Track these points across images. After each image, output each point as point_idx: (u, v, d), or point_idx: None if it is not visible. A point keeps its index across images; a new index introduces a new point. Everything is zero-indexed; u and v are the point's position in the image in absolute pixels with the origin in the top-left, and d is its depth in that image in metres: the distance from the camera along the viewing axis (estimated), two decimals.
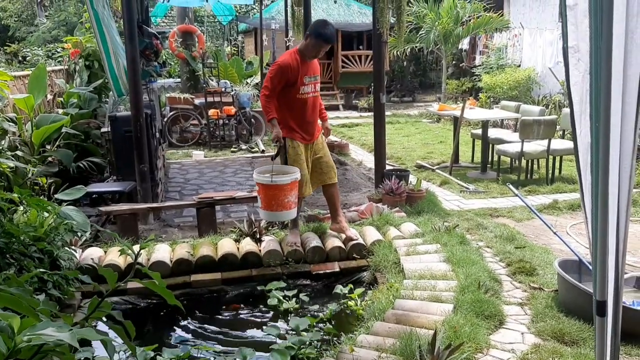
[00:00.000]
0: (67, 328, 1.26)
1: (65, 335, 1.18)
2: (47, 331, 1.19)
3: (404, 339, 3.21)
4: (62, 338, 1.17)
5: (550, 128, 7.29)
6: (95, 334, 1.27)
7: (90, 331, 1.29)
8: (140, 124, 5.99)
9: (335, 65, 19.08)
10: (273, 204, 4.78)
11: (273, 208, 4.80)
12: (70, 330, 1.22)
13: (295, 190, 4.81)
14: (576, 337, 3.38)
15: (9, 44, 19.93)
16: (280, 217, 5.00)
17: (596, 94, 1.48)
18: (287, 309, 4.23)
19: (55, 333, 1.18)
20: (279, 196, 4.73)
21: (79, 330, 1.25)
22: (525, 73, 12.59)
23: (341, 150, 10.11)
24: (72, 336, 1.19)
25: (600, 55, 1.44)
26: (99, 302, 1.78)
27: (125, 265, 4.63)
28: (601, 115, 1.46)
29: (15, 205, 4.28)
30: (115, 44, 6.51)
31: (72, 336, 1.19)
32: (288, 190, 4.73)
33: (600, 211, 1.53)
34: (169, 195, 7.67)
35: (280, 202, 4.75)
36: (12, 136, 6.09)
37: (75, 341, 1.19)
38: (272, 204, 4.78)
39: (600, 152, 1.49)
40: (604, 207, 1.53)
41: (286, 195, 4.74)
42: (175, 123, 11.68)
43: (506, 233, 5.29)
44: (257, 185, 4.86)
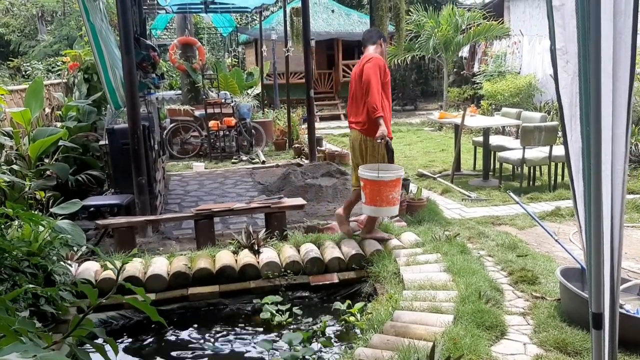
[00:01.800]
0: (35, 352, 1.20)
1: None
2: (10, 357, 1.13)
3: (403, 352, 3.14)
4: None
5: (551, 134, 7.22)
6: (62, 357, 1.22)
7: (59, 355, 1.23)
8: (138, 136, 5.96)
9: (336, 75, 19.09)
10: (377, 199, 4.92)
11: (377, 203, 4.94)
12: (34, 356, 1.16)
13: (399, 187, 5.03)
14: (579, 348, 3.30)
15: (11, 59, 20.02)
16: (384, 213, 5.17)
17: (586, 97, 1.43)
18: (280, 322, 4.16)
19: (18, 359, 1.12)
20: (384, 192, 4.89)
21: (45, 354, 1.19)
22: (526, 80, 12.53)
23: (342, 160, 10.05)
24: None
25: (588, 57, 1.39)
26: (80, 320, 1.72)
27: (122, 278, 4.58)
28: (591, 119, 1.41)
29: (9, 220, 4.24)
30: (112, 57, 6.50)
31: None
32: (392, 186, 4.90)
33: (594, 219, 1.47)
34: (169, 207, 7.62)
35: (385, 197, 4.91)
36: (9, 150, 6.06)
37: None
38: (377, 199, 4.92)
39: (592, 157, 1.43)
40: (597, 215, 1.46)
41: (390, 191, 4.91)
42: (175, 135, 11.66)
43: (508, 241, 5.22)
44: (363, 181, 5.00)
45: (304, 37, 9.87)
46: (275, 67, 15.65)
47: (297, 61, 14.00)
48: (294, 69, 15.41)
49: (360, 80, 5.12)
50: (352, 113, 5.32)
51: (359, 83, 5.16)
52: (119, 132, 6.37)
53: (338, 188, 7.69)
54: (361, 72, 5.10)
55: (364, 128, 5.17)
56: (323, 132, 13.82)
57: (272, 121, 12.87)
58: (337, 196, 7.51)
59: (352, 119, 5.32)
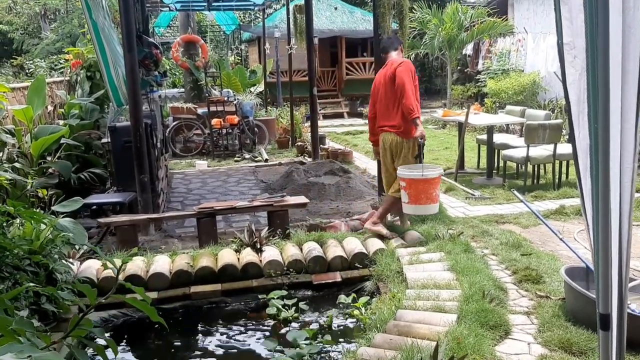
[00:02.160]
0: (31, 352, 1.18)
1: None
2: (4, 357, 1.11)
3: (406, 352, 3.11)
4: None
5: (556, 132, 7.17)
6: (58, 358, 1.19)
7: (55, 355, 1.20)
8: (140, 134, 5.93)
9: (339, 73, 19.04)
10: (422, 198, 5.05)
11: (422, 202, 5.07)
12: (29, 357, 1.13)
13: (439, 185, 5.21)
14: (584, 347, 3.27)
15: (15, 57, 20.04)
16: (428, 211, 5.25)
17: (594, 93, 1.39)
18: (286, 317, 4.14)
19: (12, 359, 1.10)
20: (429, 190, 5.05)
21: (41, 354, 1.16)
22: (530, 78, 12.48)
23: (345, 158, 10.03)
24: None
25: (596, 51, 1.35)
26: (79, 320, 1.70)
27: (124, 276, 4.57)
28: (600, 115, 1.37)
29: (11, 218, 4.23)
30: (115, 54, 6.48)
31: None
32: (436, 183, 5.11)
33: (602, 218, 1.44)
34: (172, 205, 7.61)
35: (430, 195, 5.06)
36: (11, 148, 6.04)
37: None
38: (422, 197, 5.05)
39: (600, 154, 1.39)
40: (605, 213, 1.43)
41: (434, 188, 5.11)
42: (178, 133, 11.65)
43: (512, 240, 5.18)
44: (404, 182, 5.10)
45: (307, 35, 9.83)
46: (278, 64, 15.61)
47: (300, 59, 13.96)
48: (297, 67, 15.36)
49: (391, 84, 5.23)
50: (383, 117, 5.41)
51: (390, 87, 5.26)
52: (121, 129, 6.35)
53: (341, 186, 7.65)
54: (392, 75, 5.21)
55: (400, 131, 5.29)
56: (326, 130, 13.79)
57: (275, 119, 12.84)
58: (340, 194, 7.47)
59: (384, 122, 5.41)
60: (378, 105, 5.48)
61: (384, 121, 5.42)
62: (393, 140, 5.37)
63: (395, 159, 5.41)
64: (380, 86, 5.42)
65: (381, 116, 5.44)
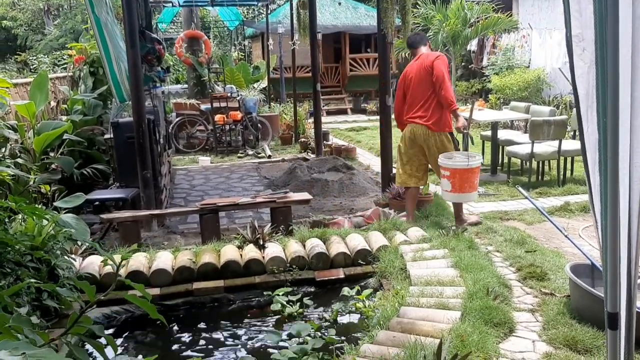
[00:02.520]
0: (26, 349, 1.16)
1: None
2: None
3: (409, 349, 3.08)
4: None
5: (560, 128, 7.12)
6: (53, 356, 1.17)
7: (49, 352, 1.18)
8: (143, 129, 5.92)
9: (343, 69, 18.98)
10: (466, 187, 5.25)
11: (466, 190, 5.26)
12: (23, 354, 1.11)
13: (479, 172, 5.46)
14: (589, 345, 3.24)
15: (19, 53, 20.05)
16: (470, 198, 5.49)
17: (603, 86, 1.36)
18: (290, 313, 4.12)
19: (7, 357, 1.08)
20: (472, 178, 5.27)
21: (35, 352, 1.14)
22: (535, 74, 12.41)
23: (348, 155, 10.00)
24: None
25: (606, 44, 1.32)
26: (77, 317, 1.67)
27: (127, 272, 4.56)
28: (609, 110, 1.34)
29: (13, 213, 4.21)
30: (117, 50, 6.45)
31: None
32: (477, 172, 5.32)
33: (610, 214, 1.40)
34: (175, 201, 7.60)
35: (472, 183, 5.29)
36: (14, 143, 6.03)
37: None
38: (466, 186, 5.25)
39: (609, 149, 1.36)
40: (614, 210, 1.40)
41: (476, 177, 5.32)
42: (181, 129, 11.63)
43: (516, 237, 5.15)
44: (448, 171, 5.27)
45: (311, 31, 9.80)
46: (281, 60, 15.57)
47: (303, 55, 13.92)
48: (300, 63, 15.33)
49: (427, 75, 5.40)
50: (414, 109, 5.56)
51: (425, 78, 5.43)
52: (124, 125, 6.33)
53: (344, 183, 7.63)
54: (429, 68, 5.38)
55: (430, 123, 5.46)
56: (330, 126, 13.76)
57: (279, 115, 12.81)
58: (343, 191, 7.45)
59: (415, 114, 5.55)
60: (409, 97, 5.62)
61: (414, 112, 5.55)
62: (425, 133, 5.51)
63: (426, 151, 5.61)
64: (413, 78, 5.56)
65: (411, 108, 5.59)
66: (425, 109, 5.46)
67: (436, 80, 5.33)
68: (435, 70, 5.33)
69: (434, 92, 5.40)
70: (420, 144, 5.59)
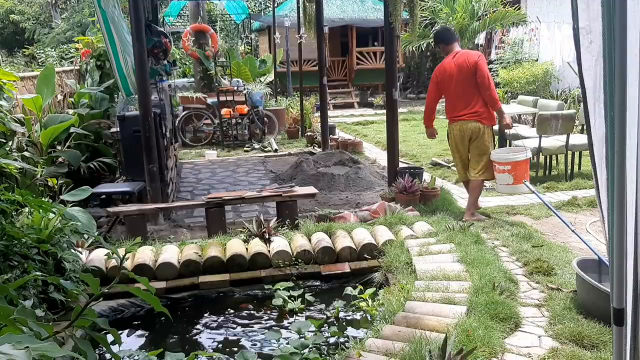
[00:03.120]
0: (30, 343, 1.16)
1: (20, 354, 1.08)
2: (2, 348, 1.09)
3: (414, 343, 3.08)
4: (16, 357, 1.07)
5: (568, 123, 7.07)
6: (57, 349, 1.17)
7: (52, 346, 1.18)
8: (149, 123, 5.92)
9: (350, 62, 18.94)
10: (525, 176, 5.54)
11: (522, 180, 5.51)
12: (27, 347, 1.11)
13: None
14: (596, 341, 3.21)
15: (26, 47, 20.11)
16: (525, 189, 5.63)
17: (610, 79, 1.34)
18: (292, 309, 4.12)
19: (10, 351, 1.08)
20: (527, 168, 5.66)
21: (39, 345, 1.14)
22: (543, 67, 12.33)
23: (355, 149, 9.97)
24: (26, 355, 1.08)
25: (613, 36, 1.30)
26: (82, 310, 1.67)
27: (133, 266, 4.57)
28: (616, 103, 1.32)
29: (20, 206, 4.23)
30: (124, 43, 6.46)
31: (26, 355, 1.08)
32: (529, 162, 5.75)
33: (617, 209, 1.38)
34: (181, 195, 7.61)
35: (527, 173, 5.65)
36: (20, 137, 6.05)
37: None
38: (525, 176, 5.56)
39: (616, 143, 1.34)
40: (620, 205, 1.38)
41: (528, 167, 5.69)
42: (188, 123, 11.64)
43: (523, 231, 5.12)
44: (509, 165, 5.50)
45: (317, 24, 9.77)
46: (288, 54, 15.55)
47: (310, 48, 13.88)
48: (307, 57, 15.29)
49: (470, 75, 5.49)
50: (459, 106, 5.63)
51: (468, 77, 5.51)
52: (130, 119, 6.34)
53: (350, 177, 7.61)
54: (472, 67, 5.47)
55: (482, 117, 5.58)
56: (336, 120, 13.74)
57: (285, 109, 12.80)
58: (349, 185, 7.44)
59: (463, 111, 5.61)
60: (450, 95, 5.70)
61: (461, 110, 5.62)
62: (475, 127, 5.59)
63: (473, 144, 5.67)
64: (453, 76, 5.59)
65: (456, 105, 5.66)
66: (472, 105, 5.56)
67: (482, 81, 5.46)
68: (481, 71, 5.45)
69: (477, 89, 5.51)
70: (469, 139, 5.66)
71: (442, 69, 5.71)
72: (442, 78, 5.70)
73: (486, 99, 5.52)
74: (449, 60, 5.66)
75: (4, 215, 3.82)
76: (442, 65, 5.73)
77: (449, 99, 5.75)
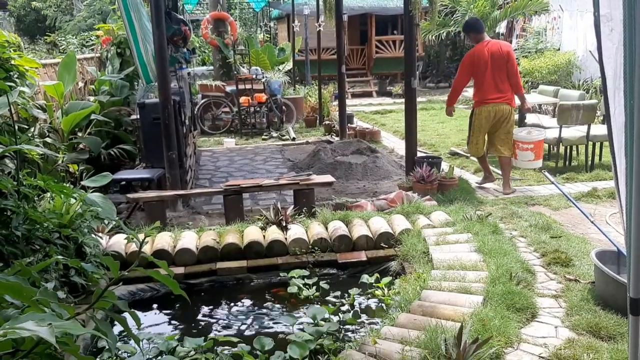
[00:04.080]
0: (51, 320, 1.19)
1: (44, 330, 1.11)
2: (26, 325, 1.12)
3: (429, 332, 3.09)
4: (40, 333, 1.10)
5: (590, 113, 6.98)
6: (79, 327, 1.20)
7: (75, 324, 1.21)
8: (169, 110, 5.97)
9: (369, 51, 18.83)
10: (542, 153, 6.51)
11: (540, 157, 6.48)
12: (50, 324, 1.15)
13: None
14: (613, 332, 3.20)
15: (48, 34, 20.30)
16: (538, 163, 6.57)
17: (630, 67, 1.32)
18: (307, 296, 4.15)
19: (33, 327, 1.11)
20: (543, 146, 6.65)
21: (62, 323, 1.17)
22: (565, 57, 12.14)
23: (373, 138, 9.95)
24: (50, 331, 1.12)
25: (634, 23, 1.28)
26: (102, 292, 1.71)
27: (152, 251, 4.63)
28: (636, 91, 1.30)
29: (42, 192, 4.30)
30: (144, 31, 6.50)
31: (50, 331, 1.12)
32: None
33: (635, 198, 1.37)
34: (199, 182, 7.67)
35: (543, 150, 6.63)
36: (42, 123, 6.13)
37: (52, 336, 1.12)
38: (542, 153, 6.51)
39: (635, 131, 1.33)
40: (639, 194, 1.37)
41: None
42: (207, 110, 11.69)
43: (542, 222, 5.08)
44: (531, 144, 6.33)
45: (337, 12, 9.73)
46: (307, 42, 15.51)
47: (329, 37, 13.82)
48: (325, 45, 15.23)
49: (503, 62, 6.13)
50: (493, 90, 6.20)
51: (501, 64, 6.13)
52: (150, 106, 6.40)
53: (368, 166, 7.61)
54: (506, 56, 6.13)
55: (511, 101, 6.29)
56: (354, 109, 13.70)
57: (303, 98, 12.79)
58: (366, 174, 7.43)
59: (495, 95, 6.20)
60: (485, 80, 6.19)
61: (494, 94, 6.20)
62: (506, 110, 6.24)
63: (502, 125, 6.30)
64: (487, 62, 6.13)
65: (489, 90, 6.20)
66: (503, 90, 6.18)
67: (512, 69, 6.15)
68: (512, 60, 6.16)
69: (507, 76, 6.15)
70: (498, 120, 6.27)
71: (476, 55, 6.17)
72: (477, 64, 6.16)
73: (513, 85, 6.19)
74: (481, 48, 6.16)
75: (27, 200, 3.89)
76: (475, 52, 6.19)
77: (482, 83, 6.21)
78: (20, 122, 5.22)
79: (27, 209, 3.70)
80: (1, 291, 1.54)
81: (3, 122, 4.47)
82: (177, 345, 3.33)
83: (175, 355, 3.23)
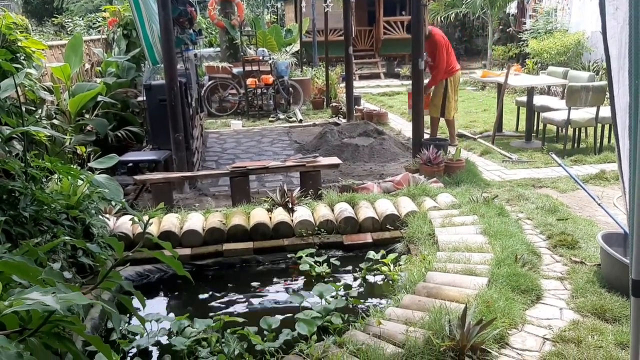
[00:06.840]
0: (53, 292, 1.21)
1: (48, 299, 1.13)
2: (32, 295, 1.14)
3: (434, 313, 3.10)
4: (45, 301, 1.12)
5: (599, 95, 6.92)
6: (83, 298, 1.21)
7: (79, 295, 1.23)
8: (175, 92, 5.96)
9: (377, 32, 18.67)
10: None
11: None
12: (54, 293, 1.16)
13: None
14: (618, 314, 3.20)
15: (55, 15, 20.26)
16: None
17: (635, 46, 1.30)
18: (319, 273, 4.18)
19: (39, 297, 1.13)
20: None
21: (65, 295, 1.19)
22: (575, 38, 12.00)
23: (380, 119, 9.91)
24: (54, 299, 1.13)
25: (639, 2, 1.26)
26: (107, 272, 1.73)
27: (159, 232, 4.66)
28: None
29: (49, 173, 4.32)
30: (150, 12, 6.47)
31: (54, 299, 1.13)
32: None
33: (638, 179, 1.37)
34: (206, 164, 7.69)
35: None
36: (49, 105, 6.15)
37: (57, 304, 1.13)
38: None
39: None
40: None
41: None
42: (214, 92, 11.67)
43: (548, 204, 5.07)
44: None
45: None
46: (314, 23, 15.39)
47: (336, 18, 13.72)
48: (333, 26, 15.13)
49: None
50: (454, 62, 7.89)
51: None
52: (156, 88, 6.39)
53: (375, 148, 7.59)
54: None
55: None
56: (362, 91, 13.63)
57: (310, 79, 12.74)
58: (373, 156, 7.42)
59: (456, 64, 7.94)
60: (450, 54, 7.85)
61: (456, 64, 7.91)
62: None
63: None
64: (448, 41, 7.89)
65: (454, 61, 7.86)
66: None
67: None
68: None
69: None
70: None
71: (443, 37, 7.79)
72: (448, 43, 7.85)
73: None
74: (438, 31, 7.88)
75: (34, 182, 3.92)
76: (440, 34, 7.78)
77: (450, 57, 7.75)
78: (28, 104, 5.22)
79: (34, 190, 3.72)
80: (8, 270, 1.56)
81: (10, 103, 4.47)
82: (188, 326, 3.37)
83: (184, 335, 3.27)
